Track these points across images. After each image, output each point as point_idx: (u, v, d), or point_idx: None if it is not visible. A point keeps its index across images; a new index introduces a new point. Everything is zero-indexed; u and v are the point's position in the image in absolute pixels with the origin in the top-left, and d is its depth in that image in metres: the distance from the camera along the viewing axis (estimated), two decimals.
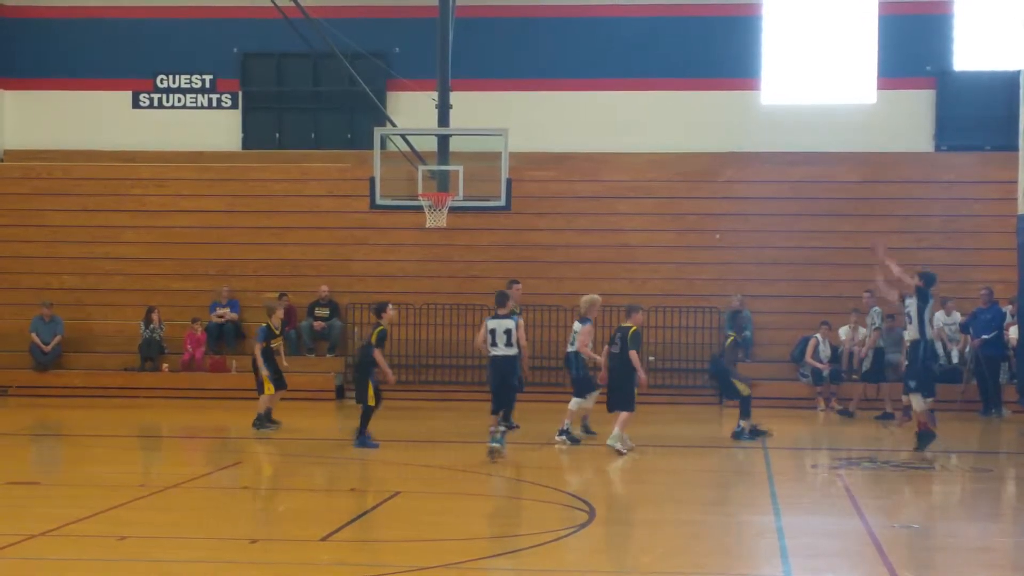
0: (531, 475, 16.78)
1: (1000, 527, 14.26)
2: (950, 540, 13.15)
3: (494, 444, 17.55)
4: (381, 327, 19.15)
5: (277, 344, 21.11)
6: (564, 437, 19.55)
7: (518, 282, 22.22)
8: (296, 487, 16.62)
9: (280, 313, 21.54)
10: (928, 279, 19.49)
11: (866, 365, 25.16)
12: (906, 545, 12.67)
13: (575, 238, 28.55)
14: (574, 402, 20.05)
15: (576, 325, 20.48)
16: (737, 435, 20.55)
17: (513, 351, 19.03)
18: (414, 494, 15.41)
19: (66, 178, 29.67)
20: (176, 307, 28.41)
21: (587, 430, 20.50)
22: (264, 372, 20.62)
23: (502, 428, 18.19)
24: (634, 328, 19.02)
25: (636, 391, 18.98)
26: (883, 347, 25.11)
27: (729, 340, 21.70)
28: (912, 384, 19.28)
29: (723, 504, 15.48)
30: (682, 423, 23.80)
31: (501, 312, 19.04)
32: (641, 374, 18.86)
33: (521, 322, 19.71)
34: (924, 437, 18.92)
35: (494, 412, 19.01)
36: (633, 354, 18.75)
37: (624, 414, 18.86)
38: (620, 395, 19.01)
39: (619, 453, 18.71)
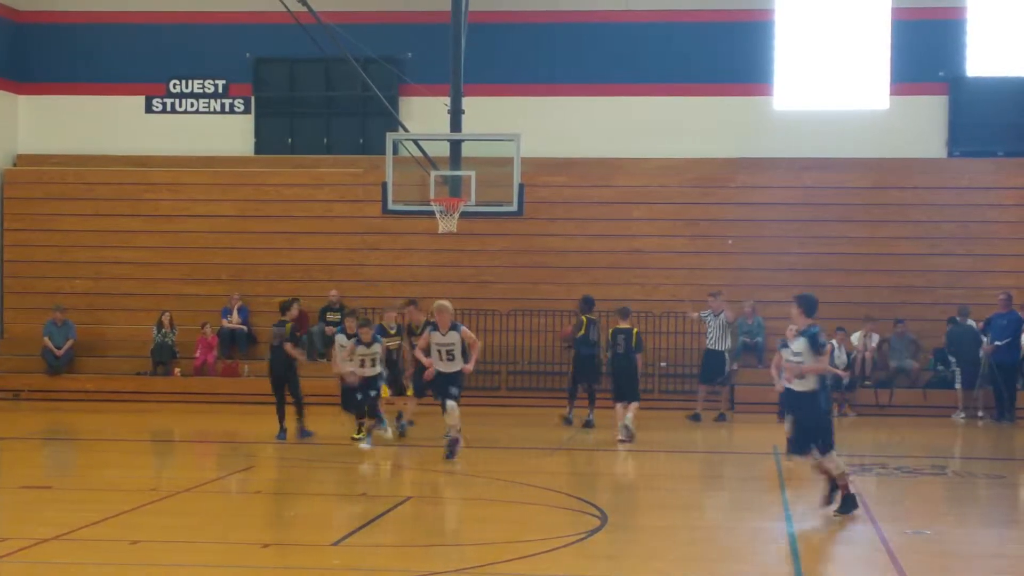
0: (542, 480, 16.77)
1: (1014, 533, 14.22)
2: (963, 547, 13.12)
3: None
4: (289, 323, 20.79)
5: (393, 344, 21.54)
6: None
7: (413, 302, 22.66)
8: (308, 492, 16.62)
9: (393, 314, 22.13)
10: (807, 304, 14.67)
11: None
12: (918, 551, 12.64)
13: (587, 243, 28.54)
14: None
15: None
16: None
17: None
18: (426, 499, 15.41)
19: (79, 183, 29.73)
20: (188, 311, 28.46)
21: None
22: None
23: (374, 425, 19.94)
24: (636, 330, 21.36)
25: None
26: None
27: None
28: (818, 444, 14.42)
29: (735, 510, 15.46)
30: (693, 428, 23.77)
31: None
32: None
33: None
34: (848, 501, 14.26)
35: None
36: (640, 357, 21.34)
37: (637, 404, 20.99)
38: (631, 388, 21.11)
39: (629, 439, 20.23)
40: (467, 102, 24.03)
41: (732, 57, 28.69)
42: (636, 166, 28.84)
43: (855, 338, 26.68)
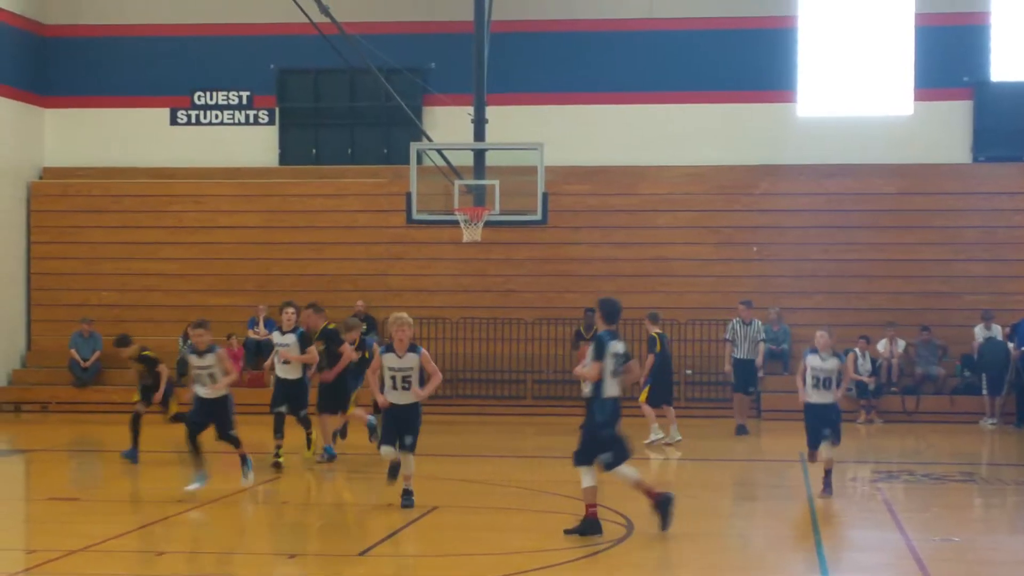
0: (569, 489, 16.75)
1: None
2: (991, 554, 13.06)
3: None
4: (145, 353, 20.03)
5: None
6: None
7: (313, 306, 20.37)
8: (333, 502, 16.63)
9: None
10: (605, 309, 13.84)
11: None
12: (947, 559, 12.59)
13: (612, 252, 28.53)
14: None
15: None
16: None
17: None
18: (452, 508, 15.41)
19: (105, 195, 29.85)
20: (214, 323, 28.06)
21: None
22: None
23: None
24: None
25: None
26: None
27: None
28: (607, 458, 13.42)
29: (762, 518, 15.42)
30: (720, 436, 23.72)
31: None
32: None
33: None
34: (590, 525, 13.33)
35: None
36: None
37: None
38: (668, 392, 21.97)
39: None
40: (491, 111, 24.06)
41: (755, 64, 28.65)
42: (660, 174, 28.82)
43: (881, 345, 26.63)
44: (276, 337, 19.80)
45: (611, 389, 13.47)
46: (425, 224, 24.92)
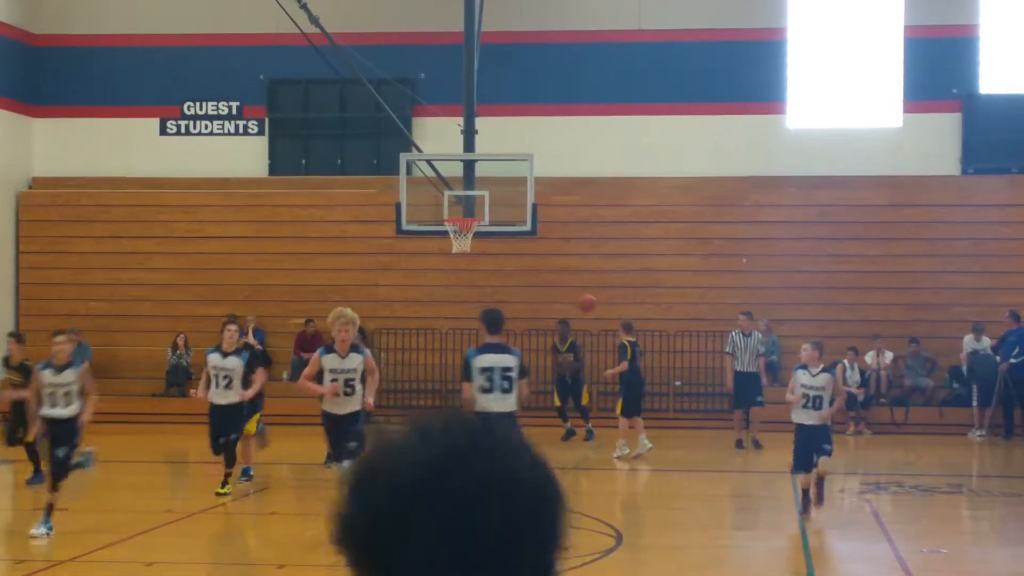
0: None
1: None
2: (979, 565, 13.08)
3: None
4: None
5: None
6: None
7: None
8: (324, 512, 16.62)
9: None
10: (486, 320, 13.80)
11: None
12: (935, 570, 12.60)
13: (601, 263, 28.55)
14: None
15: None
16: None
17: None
18: None
19: (94, 205, 29.82)
20: (203, 333, 28.45)
21: None
22: None
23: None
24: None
25: None
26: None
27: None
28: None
29: (750, 529, 15.43)
30: (708, 448, 23.74)
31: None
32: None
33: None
34: None
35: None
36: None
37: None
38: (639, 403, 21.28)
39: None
40: (480, 122, 24.09)
41: (745, 76, 28.70)
42: (650, 185, 28.85)
43: (868, 356, 26.67)
44: (215, 360, 17.24)
45: (490, 405, 12.67)
46: (415, 235, 24.91)
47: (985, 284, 27.62)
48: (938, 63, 28.28)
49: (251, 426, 18.01)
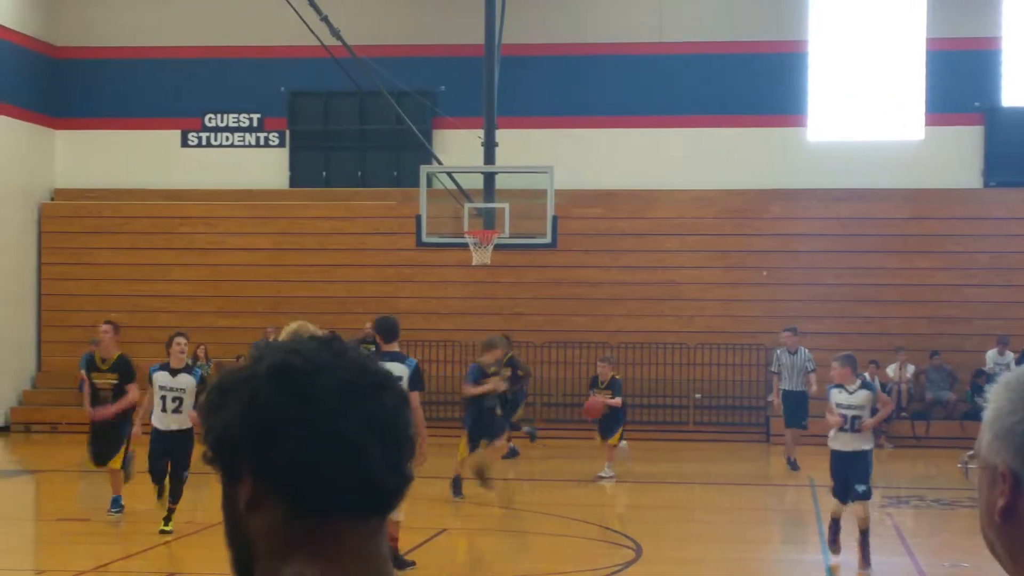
0: (577, 512, 16.73)
1: None
2: None
3: None
4: None
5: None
6: None
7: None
8: None
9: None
10: (381, 328, 13.42)
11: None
12: None
13: (621, 275, 28.51)
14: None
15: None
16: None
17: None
18: (459, 531, 15.38)
19: (115, 216, 29.91)
20: (224, 344, 28.52)
21: None
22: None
23: None
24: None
25: None
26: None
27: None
28: None
29: (770, 542, 15.38)
30: (728, 460, 23.68)
31: None
32: None
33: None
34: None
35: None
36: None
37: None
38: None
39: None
40: (500, 134, 24.09)
41: (766, 88, 28.66)
42: (670, 198, 28.83)
43: (890, 370, 26.59)
44: (163, 379, 15.63)
45: None
46: (435, 247, 24.91)
47: (1007, 297, 27.52)
48: (960, 76, 28.21)
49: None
